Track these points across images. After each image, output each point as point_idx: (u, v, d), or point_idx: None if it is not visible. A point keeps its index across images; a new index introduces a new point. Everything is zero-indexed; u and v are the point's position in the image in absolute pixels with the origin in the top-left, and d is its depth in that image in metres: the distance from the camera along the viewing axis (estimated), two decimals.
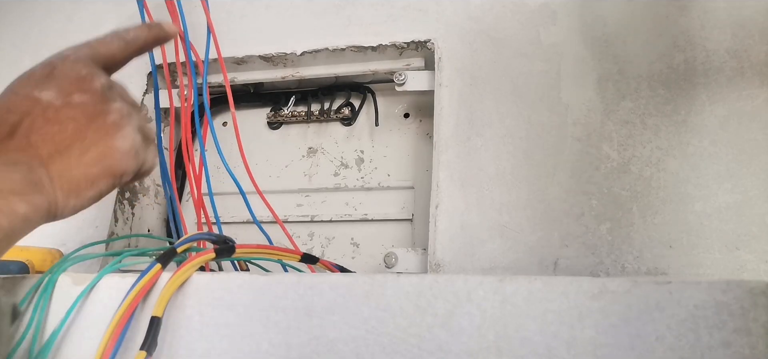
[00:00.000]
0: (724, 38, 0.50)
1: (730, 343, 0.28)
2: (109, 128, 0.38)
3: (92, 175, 0.37)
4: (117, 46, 0.42)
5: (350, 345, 0.33)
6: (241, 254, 0.43)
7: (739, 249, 0.45)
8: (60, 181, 0.36)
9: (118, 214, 0.61)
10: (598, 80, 0.52)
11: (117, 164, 0.38)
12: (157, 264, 0.36)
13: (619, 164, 0.49)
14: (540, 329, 0.31)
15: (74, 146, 0.37)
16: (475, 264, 0.49)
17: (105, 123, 0.38)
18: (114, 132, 0.38)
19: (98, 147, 0.38)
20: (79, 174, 0.36)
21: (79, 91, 0.38)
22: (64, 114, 0.37)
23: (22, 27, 0.75)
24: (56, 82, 0.38)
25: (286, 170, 0.67)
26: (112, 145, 0.38)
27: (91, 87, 0.39)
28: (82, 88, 0.38)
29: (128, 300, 0.34)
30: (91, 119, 0.38)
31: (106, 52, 0.41)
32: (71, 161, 0.36)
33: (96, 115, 0.38)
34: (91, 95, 0.38)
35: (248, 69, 0.65)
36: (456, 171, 0.52)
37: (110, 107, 0.39)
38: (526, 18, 0.56)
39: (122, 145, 0.39)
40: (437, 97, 0.56)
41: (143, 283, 0.35)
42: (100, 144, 0.38)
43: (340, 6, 0.63)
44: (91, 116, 0.38)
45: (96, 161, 0.37)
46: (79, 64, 0.40)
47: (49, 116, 0.37)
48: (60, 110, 0.37)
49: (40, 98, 0.37)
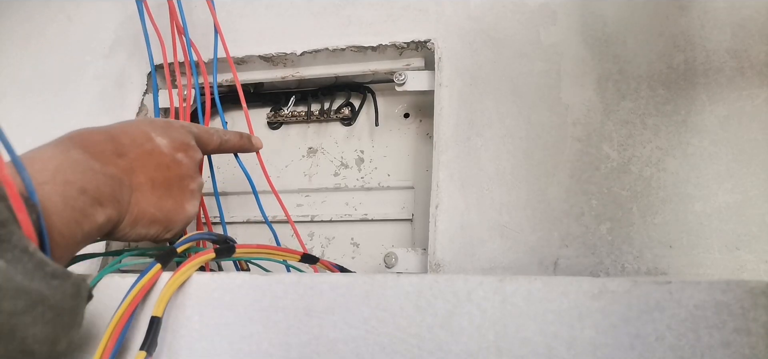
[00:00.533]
0: (724, 38, 0.50)
1: (730, 343, 0.28)
2: (188, 194, 0.46)
3: (155, 218, 0.43)
4: (215, 141, 0.51)
5: (350, 345, 0.33)
6: (241, 254, 0.43)
7: (739, 249, 0.45)
8: (133, 208, 0.41)
9: None
10: (598, 80, 0.52)
11: (177, 221, 0.45)
12: (157, 264, 0.36)
13: (619, 164, 0.49)
14: (540, 329, 0.31)
15: (159, 189, 0.43)
16: (475, 264, 0.49)
17: (187, 187, 0.46)
18: (190, 198, 0.46)
19: (174, 201, 0.44)
20: (149, 213, 0.42)
21: (184, 152, 0.46)
22: (166, 161, 0.44)
23: (22, 27, 0.75)
24: (170, 137, 0.45)
25: (286, 170, 0.67)
26: (184, 207, 0.45)
27: (193, 156, 0.47)
28: (187, 153, 0.46)
29: (128, 300, 0.34)
30: (181, 178, 0.45)
31: (207, 139, 0.50)
32: (151, 198, 0.42)
33: (185, 177, 0.46)
34: (190, 160, 0.46)
35: (248, 69, 0.65)
36: (456, 171, 0.52)
37: (196, 178, 0.47)
38: (526, 18, 0.56)
39: (190, 210, 0.46)
40: (437, 97, 0.56)
41: (143, 283, 0.35)
42: (177, 200, 0.45)
43: (340, 6, 0.63)
44: (182, 176, 0.45)
45: (166, 211, 0.44)
46: (190, 135, 0.47)
47: (155, 156, 0.43)
48: (165, 156, 0.44)
49: (154, 139, 0.44)
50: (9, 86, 0.72)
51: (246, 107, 0.58)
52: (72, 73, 0.70)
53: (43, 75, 0.71)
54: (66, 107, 0.68)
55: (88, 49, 0.70)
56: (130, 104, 0.65)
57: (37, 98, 0.69)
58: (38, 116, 0.68)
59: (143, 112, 0.65)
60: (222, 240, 0.46)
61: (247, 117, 0.58)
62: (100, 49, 0.70)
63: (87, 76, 0.69)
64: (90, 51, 0.70)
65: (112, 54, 0.69)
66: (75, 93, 0.68)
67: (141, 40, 0.62)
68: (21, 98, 0.70)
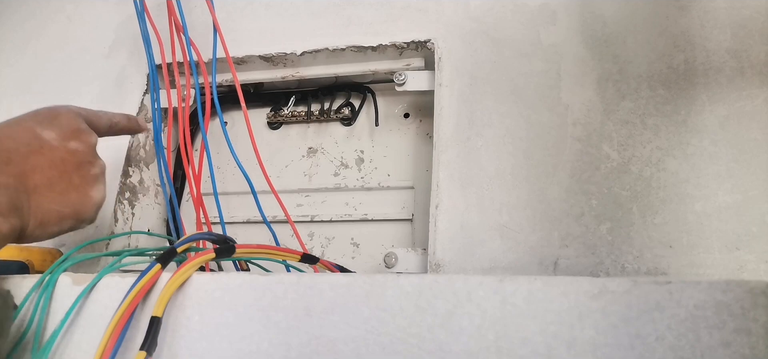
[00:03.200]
0: (724, 38, 0.50)
1: (730, 343, 0.28)
2: (91, 179, 0.44)
3: (63, 214, 0.42)
4: (104, 122, 0.49)
5: (350, 345, 0.33)
6: (242, 254, 0.43)
7: (739, 249, 0.45)
8: (36, 211, 0.40)
9: (119, 214, 0.61)
10: (598, 80, 0.52)
11: (86, 210, 0.44)
12: (157, 264, 0.36)
13: (619, 164, 0.49)
14: (540, 329, 0.31)
15: (59, 184, 0.42)
16: (475, 264, 0.49)
17: (88, 173, 0.44)
18: (93, 184, 0.45)
19: (78, 192, 0.43)
20: (53, 210, 0.41)
21: (77, 139, 0.44)
22: (59, 154, 0.42)
23: (22, 27, 0.75)
24: (59, 127, 0.43)
25: (286, 170, 0.67)
26: (89, 194, 0.44)
27: (87, 140, 0.45)
28: (80, 139, 0.44)
29: (128, 300, 0.34)
30: (78, 166, 0.43)
31: (96, 122, 0.48)
32: (52, 196, 0.41)
33: (83, 164, 0.44)
34: (85, 145, 0.44)
35: (248, 69, 0.65)
36: (456, 171, 0.52)
37: (96, 162, 0.45)
38: (526, 18, 0.56)
39: (96, 196, 0.45)
40: (437, 97, 0.56)
41: (143, 283, 0.35)
42: (80, 190, 0.43)
43: (340, 6, 0.63)
44: (79, 163, 0.44)
45: (71, 204, 0.43)
46: (80, 119, 0.45)
47: (45, 153, 0.42)
48: (56, 150, 0.42)
49: (41, 135, 0.42)
50: (9, 86, 0.72)
51: (245, 107, 0.58)
52: (72, 73, 0.70)
53: (43, 75, 0.71)
54: None
55: (88, 49, 0.70)
56: (129, 104, 0.65)
57: (37, 98, 0.69)
58: None
59: (143, 112, 0.65)
60: (222, 240, 0.45)
61: (247, 117, 0.58)
62: (100, 49, 0.70)
63: (87, 76, 0.69)
64: (90, 51, 0.70)
65: (112, 54, 0.69)
66: (75, 93, 0.68)
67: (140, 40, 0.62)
68: (21, 98, 0.70)
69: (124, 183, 0.62)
